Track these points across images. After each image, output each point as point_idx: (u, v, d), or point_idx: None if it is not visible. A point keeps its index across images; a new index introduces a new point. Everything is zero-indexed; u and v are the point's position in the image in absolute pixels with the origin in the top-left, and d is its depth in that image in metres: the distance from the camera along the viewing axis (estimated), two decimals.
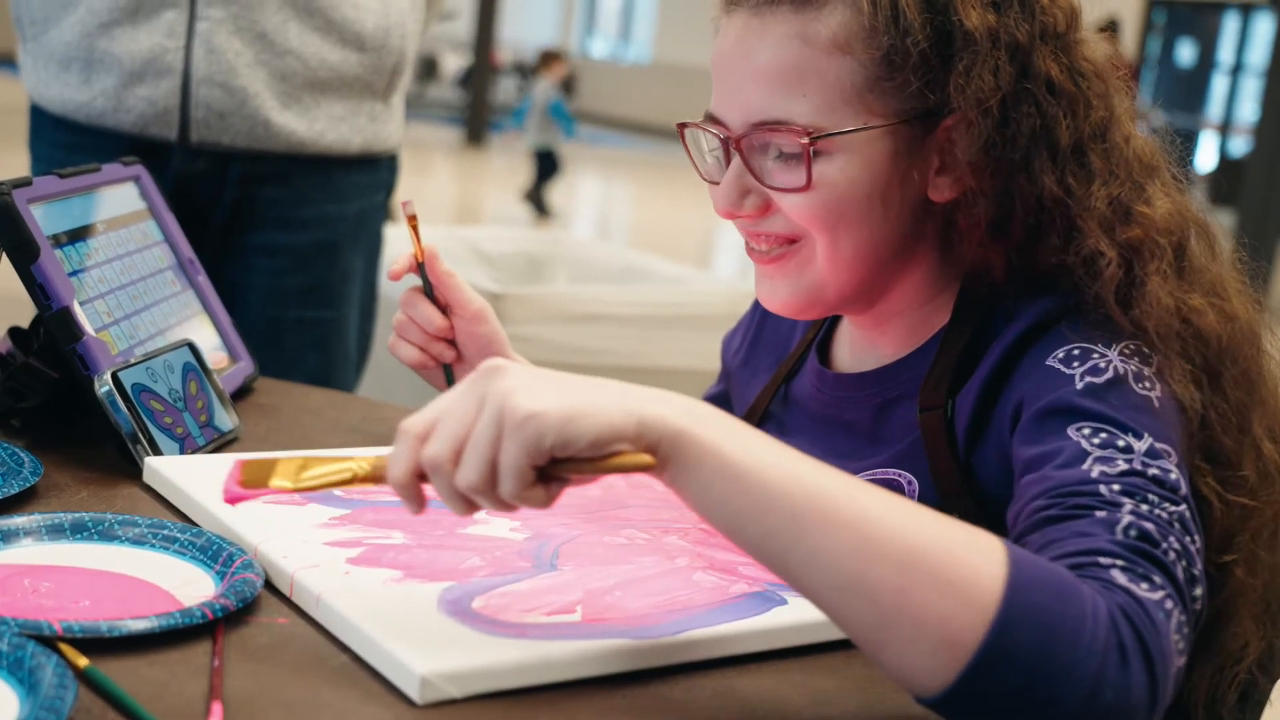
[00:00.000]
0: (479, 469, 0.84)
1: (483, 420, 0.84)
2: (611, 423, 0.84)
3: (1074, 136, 1.10)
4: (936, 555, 0.84)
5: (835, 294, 1.16)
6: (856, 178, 1.10)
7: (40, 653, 0.81)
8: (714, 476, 0.86)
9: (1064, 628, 0.83)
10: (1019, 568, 0.85)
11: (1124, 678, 0.83)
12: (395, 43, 2.00)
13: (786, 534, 0.85)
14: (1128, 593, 0.87)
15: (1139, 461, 0.97)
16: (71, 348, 1.24)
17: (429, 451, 0.86)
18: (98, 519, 1.05)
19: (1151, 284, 1.08)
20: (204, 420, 1.29)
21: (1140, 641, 0.84)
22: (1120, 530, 0.91)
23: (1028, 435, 1.04)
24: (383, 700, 0.86)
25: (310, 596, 0.96)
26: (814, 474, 0.86)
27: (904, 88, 1.09)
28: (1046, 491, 0.97)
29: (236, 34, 1.88)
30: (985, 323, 1.14)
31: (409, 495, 0.88)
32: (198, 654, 0.88)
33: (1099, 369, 1.04)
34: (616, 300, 3.06)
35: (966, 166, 1.09)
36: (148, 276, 1.43)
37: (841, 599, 0.85)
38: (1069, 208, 1.09)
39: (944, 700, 0.84)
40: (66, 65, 1.92)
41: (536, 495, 0.85)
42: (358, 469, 0.93)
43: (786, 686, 0.94)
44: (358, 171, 2.06)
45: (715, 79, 1.15)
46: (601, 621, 0.96)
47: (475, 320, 1.39)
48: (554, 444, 0.84)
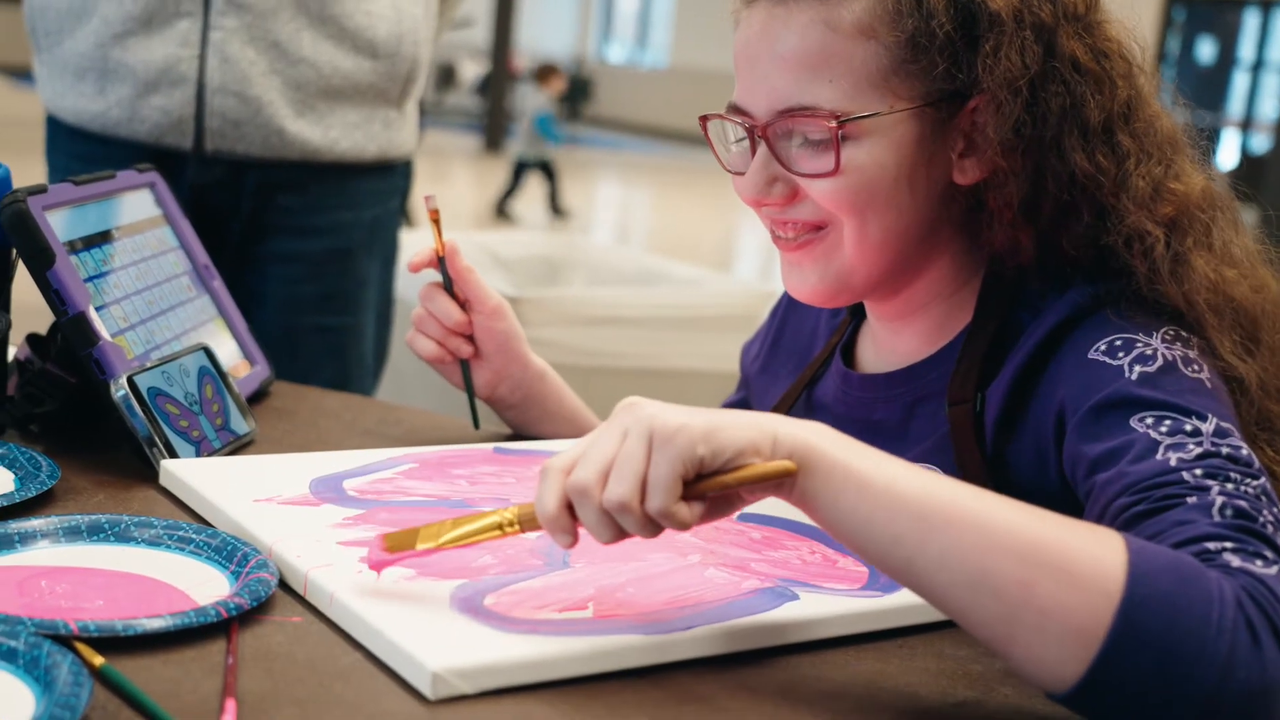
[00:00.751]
0: (630, 482, 0.88)
1: (631, 439, 0.89)
2: (751, 436, 0.90)
3: (1103, 115, 1.11)
4: (1058, 548, 0.86)
5: (863, 279, 1.17)
6: (884, 161, 1.11)
7: (56, 651, 0.82)
8: (844, 486, 0.90)
9: (1191, 611, 0.83)
10: (1140, 555, 0.86)
11: (1257, 656, 0.83)
12: (408, 50, 2.02)
13: (914, 537, 0.88)
14: (1247, 573, 0.87)
15: (1209, 443, 0.98)
16: (88, 352, 1.25)
17: (575, 476, 0.90)
18: (114, 521, 1.06)
19: (1194, 259, 1.09)
20: (220, 423, 1.30)
21: (1269, 620, 0.85)
22: (1216, 512, 0.92)
23: (1087, 432, 1.04)
24: (395, 696, 0.86)
25: (324, 595, 0.97)
26: (936, 482, 0.90)
27: (929, 70, 1.10)
28: (1129, 488, 0.98)
29: (250, 43, 1.90)
30: (1011, 316, 1.15)
31: (559, 527, 0.91)
32: (212, 652, 0.89)
33: (1146, 357, 1.05)
34: (631, 303, 3.07)
35: (996, 146, 1.10)
36: (163, 282, 1.44)
37: (969, 597, 0.88)
38: (1101, 186, 1.10)
39: (1079, 693, 0.85)
40: (81, 76, 1.93)
41: (682, 512, 0.89)
42: (501, 520, 0.96)
43: (797, 683, 0.94)
44: (372, 178, 2.07)
45: (739, 69, 1.16)
46: (613, 618, 0.96)
47: (493, 316, 1.40)
48: (704, 454, 0.88)
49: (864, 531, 0.90)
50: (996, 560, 0.86)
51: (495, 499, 1.19)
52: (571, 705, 0.88)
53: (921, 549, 0.88)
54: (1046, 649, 0.86)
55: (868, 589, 1.06)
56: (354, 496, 1.16)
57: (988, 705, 0.94)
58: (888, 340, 1.25)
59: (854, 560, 1.12)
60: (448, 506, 1.16)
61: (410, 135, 2.13)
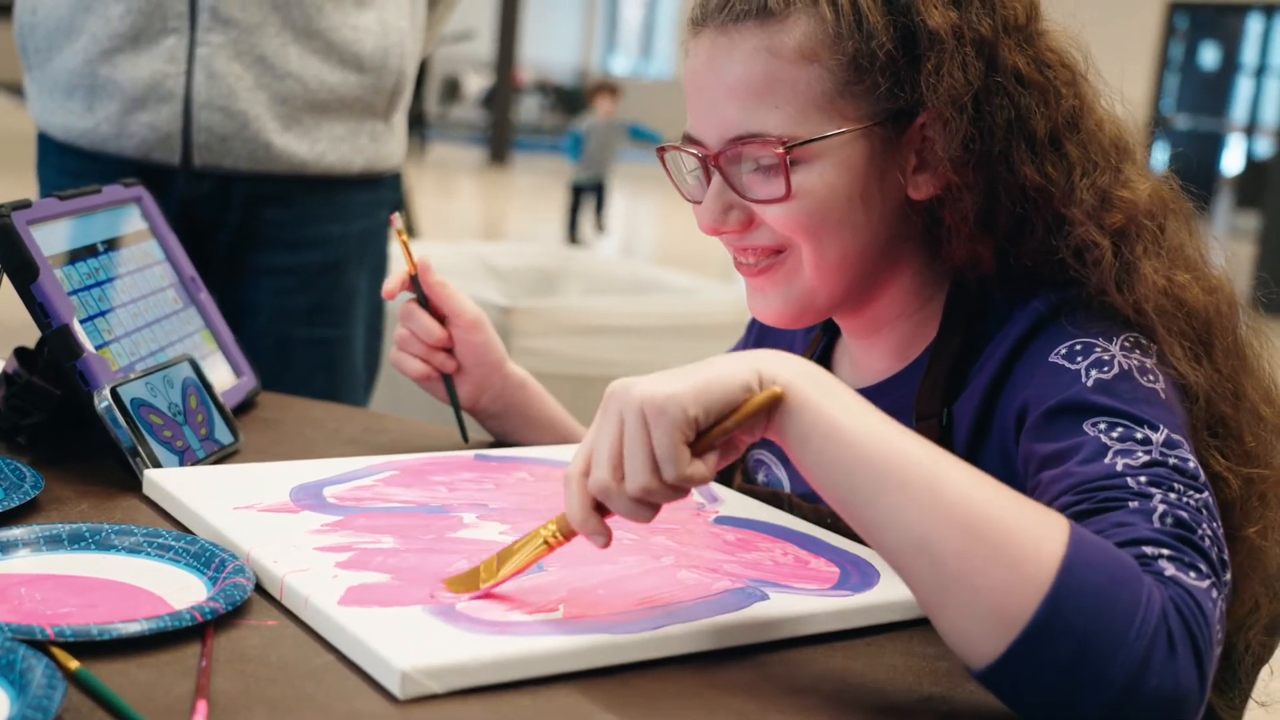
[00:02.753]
0: (643, 467, 0.91)
1: (628, 427, 0.92)
2: (739, 380, 0.93)
3: (1049, 126, 1.12)
4: (1001, 527, 0.88)
5: (826, 299, 1.18)
6: (835, 183, 1.12)
7: (31, 655, 0.84)
8: (813, 428, 0.92)
9: (1115, 611, 0.85)
10: (1079, 548, 0.87)
11: (1170, 666, 0.85)
12: (394, 63, 2.03)
13: (868, 491, 0.91)
14: (1178, 584, 0.89)
15: (1158, 452, 0.99)
16: (72, 364, 1.27)
17: (594, 480, 0.93)
18: (94, 529, 1.07)
19: (1144, 267, 1.10)
20: (204, 434, 1.32)
21: (1189, 633, 0.86)
22: (1157, 519, 0.94)
23: (1040, 433, 1.05)
24: (366, 696, 0.88)
25: (299, 598, 0.98)
26: (903, 440, 0.92)
27: (873, 90, 1.11)
28: (1074, 487, 0.99)
29: (236, 58, 1.91)
30: (976, 328, 1.16)
31: (593, 529, 0.95)
32: (187, 656, 0.91)
33: (1104, 363, 1.06)
34: (625, 312, 3.08)
35: (947, 163, 1.11)
36: (149, 295, 1.46)
37: (910, 559, 0.90)
38: (1052, 196, 1.12)
39: (993, 671, 0.87)
40: (70, 93, 1.95)
41: (697, 470, 0.92)
42: (547, 535, 0.99)
43: (765, 681, 0.96)
44: (361, 191, 2.09)
45: (689, 100, 1.17)
46: (583, 618, 0.98)
47: (471, 329, 1.42)
48: (697, 414, 0.92)
49: (825, 475, 0.93)
50: (939, 529, 0.88)
51: (474, 504, 1.21)
52: (540, 705, 0.89)
53: (873, 504, 0.91)
54: (972, 624, 0.88)
55: (838, 589, 1.08)
56: (333, 503, 1.18)
57: (953, 700, 0.95)
58: (860, 357, 1.27)
59: (826, 561, 1.14)
60: (426, 513, 1.18)
61: (398, 148, 2.14)
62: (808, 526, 1.22)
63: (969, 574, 0.87)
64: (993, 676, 0.88)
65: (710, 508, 1.26)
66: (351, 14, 1.97)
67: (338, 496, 1.20)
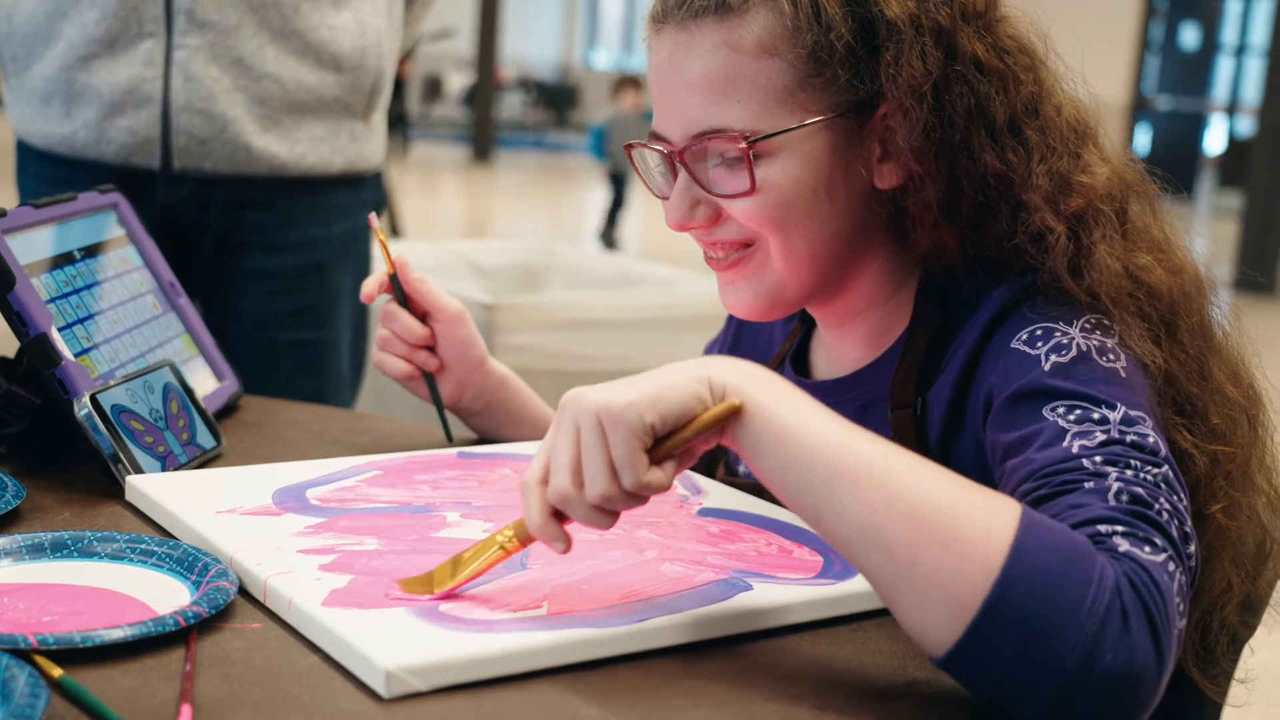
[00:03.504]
0: (601, 474, 0.92)
1: (586, 434, 0.93)
2: (692, 389, 0.93)
3: (1008, 112, 1.13)
4: (950, 515, 0.89)
5: (796, 291, 1.18)
6: (799, 175, 1.13)
7: (14, 664, 0.84)
8: (764, 431, 0.93)
9: (1065, 591, 0.85)
10: (1028, 532, 0.88)
11: (1125, 642, 0.85)
12: (372, 62, 2.03)
13: (821, 489, 0.92)
14: (1132, 559, 0.89)
15: (1116, 430, 0.99)
16: (50, 373, 1.26)
17: (554, 488, 0.94)
18: (77, 537, 1.07)
19: (1099, 252, 1.10)
20: (186, 439, 1.32)
21: (1144, 607, 0.87)
22: (1112, 496, 0.94)
23: (1003, 421, 1.06)
24: (351, 696, 0.88)
25: (282, 600, 0.98)
26: (852, 437, 0.93)
27: (834, 82, 1.11)
28: (1032, 474, 0.99)
29: (214, 61, 1.91)
30: (947, 316, 1.16)
31: (552, 535, 0.96)
32: (171, 661, 0.91)
33: (1062, 346, 1.06)
34: (607, 305, 3.09)
35: (909, 152, 1.11)
36: (128, 301, 1.46)
37: (864, 552, 0.91)
38: (1012, 183, 1.12)
39: (951, 658, 0.88)
40: (48, 100, 1.95)
41: (655, 477, 0.93)
42: (503, 540, 1.00)
43: (750, 670, 0.96)
44: (342, 192, 2.09)
45: (654, 97, 1.18)
46: (567, 614, 0.98)
47: (453, 323, 1.42)
48: (654, 421, 0.92)
49: (778, 476, 0.94)
50: (890, 521, 0.89)
51: (458, 503, 1.21)
52: (526, 700, 0.89)
53: (826, 500, 0.92)
54: (926, 612, 0.88)
55: (821, 577, 1.08)
56: (316, 505, 1.18)
57: (937, 684, 0.95)
58: (835, 347, 1.27)
59: (809, 550, 1.14)
60: (409, 513, 1.18)
61: (378, 147, 2.14)
62: (790, 516, 1.22)
63: (920, 562, 0.88)
64: (951, 663, 0.88)
65: (694, 500, 1.27)
66: (328, 14, 1.97)
67: (321, 498, 1.20)
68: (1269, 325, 1.21)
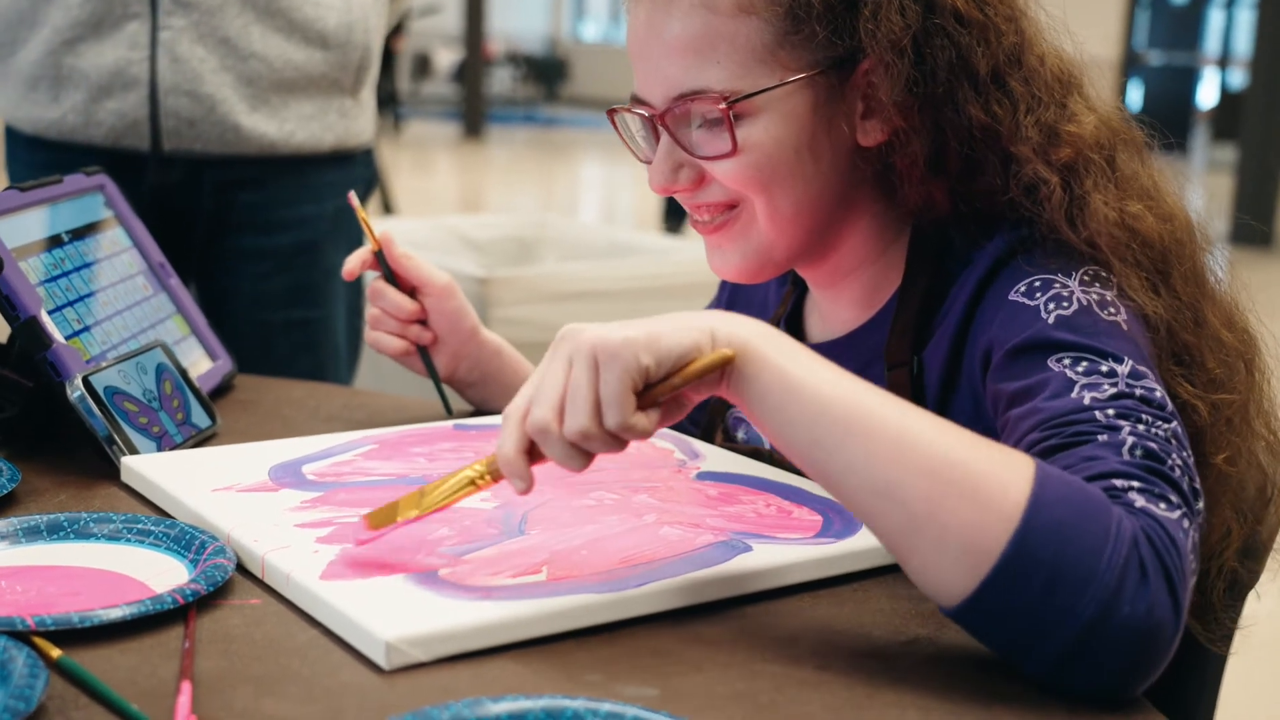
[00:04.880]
0: (585, 409, 0.91)
1: (577, 368, 0.91)
2: (692, 337, 0.92)
3: (991, 64, 1.12)
4: (968, 468, 0.88)
5: (784, 252, 1.18)
6: (781, 135, 1.12)
7: (13, 646, 0.83)
8: (771, 384, 0.92)
9: (1084, 543, 0.85)
10: (1045, 484, 0.88)
11: (1143, 595, 0.85)
12: (359, 38, 2.02)
13: (831, 441, 0.91)
14: (1148, 514, 0.89)
15: (1124, 384, 0.99)
16: (42, 356, 1.26)
17: (533, 418, 0.92)
18: (73, 518, 1.07)
19: (1094, 200, 1.10)
20: (181, 418, 1.32)
21: (1160, 561, 0.86)
22: (1126, 451, 0.94)
23: (1006, 372, 1.05)
24: (352, 669, 0.88)
25: (280, 576, 0.98)
26: (862, 391, 0.92)
27: (812, 39, 1.10)
28: (1042, 424, 0.99)
29: (199, 41, 1.90)
30: (940, 272, 1.16)
31: (516, 470, 0.94)
32: (170, 639, 0.91)
33: (1062, 298, 1.06)
34: (601, 276, 3.08)
35: (892, 107, 1.11)
36: (117, 283, 1.45)
37: (876, 504, 0.90)
38: (999, 135, 1.11)
39: (965, 609, 0.88)
40: (34, 84, 1.94)
41: (640, 421, 0.92)
42: (473, 474, 0.98)
43: (751, 632, 0.96)
44: (332, 169, 2.08)
45: (633, 62, 1.17)
46: (567, 579, 0.98)
47: (443, 295, 1.42)
48: (649, 363, 0.91)
49: (786, 430, 0.93)
50: (906, 473, 0.89)
51: None
52: (527, 667, 0.89)
53: (837, 453, 0.91)
54: (942, 563, 0.88)
55: (820, 536, 1.08)
56: (313, 480, 1.18)
57: (940, 641, 0.95)
58: (829, 309, 1.26)
59: (809, 510, 1.14)
60: (407, 484, 1.18)
61: (367, 124, 2.13)
62: (789, 477, 1.22)
63: (938, 514, 0.88)
64: (965, 614, 0.88)
65: (692, 464, 1.26)
66: None
67: (317, 473, 1.19)
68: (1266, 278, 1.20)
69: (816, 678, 0.89)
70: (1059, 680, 0.87)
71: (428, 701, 0.82)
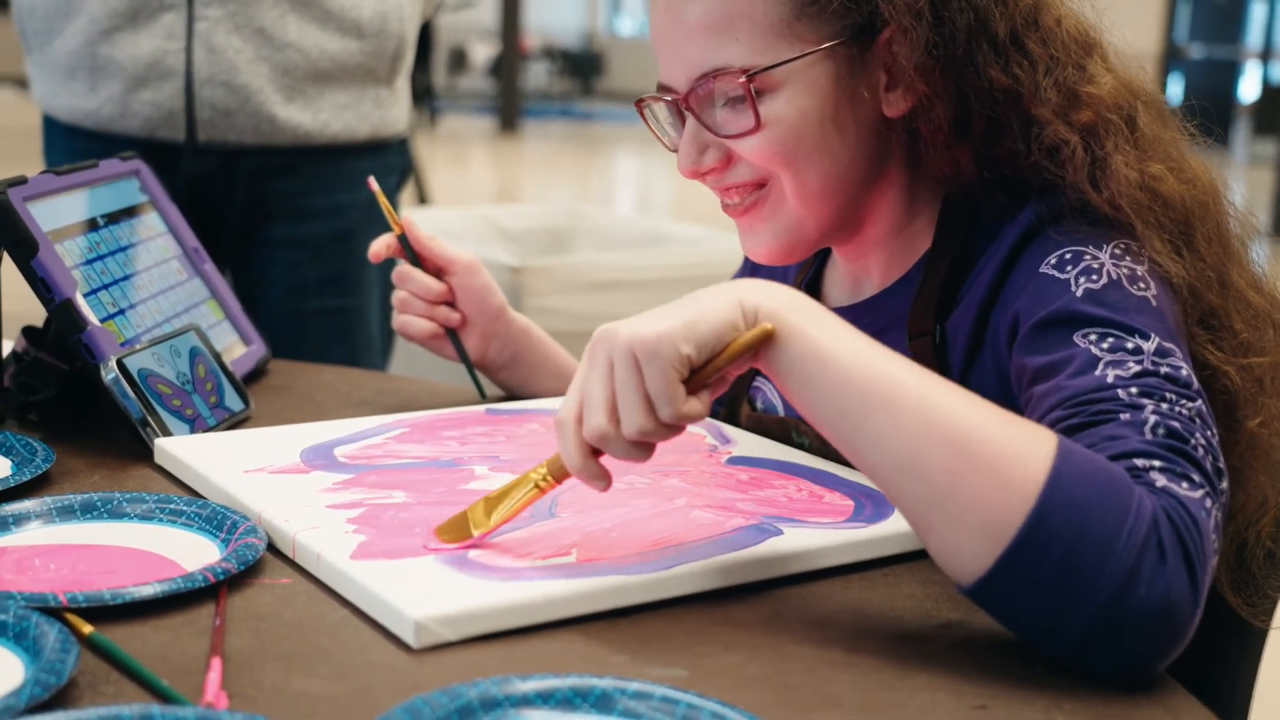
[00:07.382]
0: (638, 408, 0.91)
1: (620, 369, 0.92)
2: (725, 315, 0.92)
3: (1009, 25, 1.12)
4: (989, 443, 0.88)
5: (815, 229, 1.17)
6: (805, 107, 1.12)
7: (44, 622, 0.84)
8: (799, 355, 0.92)
9: (1104, 521, 0.84)
10: (1065, 461, 0.87)
11: (1161, 575, 0.84)
12: (394, 27, 2.02)
13: (856, 413, 0.91)
14: (1170, 494, 0.88)
15: (1150, 361, 0.98)
16: (77, 338, 1.27)
17: (590, 426, 0.93)
18: (106, 498, 1.08)
19: (1115, 161, 1.09)
20: (214, 401, 1.32)
21: (1180, 542, 0.86)
22: (1149, 430, 0.93)
23: (1031, 345, 1.05)
24: (381, 647, 0.88)
25: (311, 555, 0.98)
26: (889, 362, 0.92)
27: (829, 9, 1.11)
28: (1064, 401, 0.98)
29: (235, 31, 1.91)
30: (968, 242, 1.15)
31: (591, 474, 0.95)
32: (201, 616, 0.91)
33: (1093, 271, 1.05)
34: (634, 265, 3.07)
35: (914, 73, 1.11)
36: (152, 267, 1.46)
37: (898, 478, 0.90)
38: (1020, 97, 1.11)
39: (982, 585, 0.87)
40: (72, 74, 1.95)
41: (693, 407, 0.92)
42: (537, 479, 0.99)
43: (781, 615, 0.95)
44: (367, 158, 2.09)
45: (656, 49, 1.18)
46: (596, 561, 0.97)
47: (469, 272, 1.43)
48: (689, 352, 0.91)
49: (814, 401, 0.93)
50: (928, 447, 0.88)
51: (486, 457, 1.21)
52: (555, 649, 0.89)
53: (861, 425, 0.91)
54: (961, 540, 0.87)
55: (852, 521, 1.07)
56: (344, 462, 1.18)
57: (971, 625, 0.95)
58: (851, 275, 1.26)
59: (840, 495, 1.13)
60: (437, 467, 1.18)
61: (402, 113, 2.14)
62: (821, 462, 1.21)
63: (957, 489, 0.87)
64: (982, 591, 0.87)
65: (723, 449, 1.26)
66: None
67: (348, 456, 1.20)
68: None
69: (847, 660, 0.89)
70: (1080, 661, 0.86)
71: (456, 680, 0.82)
